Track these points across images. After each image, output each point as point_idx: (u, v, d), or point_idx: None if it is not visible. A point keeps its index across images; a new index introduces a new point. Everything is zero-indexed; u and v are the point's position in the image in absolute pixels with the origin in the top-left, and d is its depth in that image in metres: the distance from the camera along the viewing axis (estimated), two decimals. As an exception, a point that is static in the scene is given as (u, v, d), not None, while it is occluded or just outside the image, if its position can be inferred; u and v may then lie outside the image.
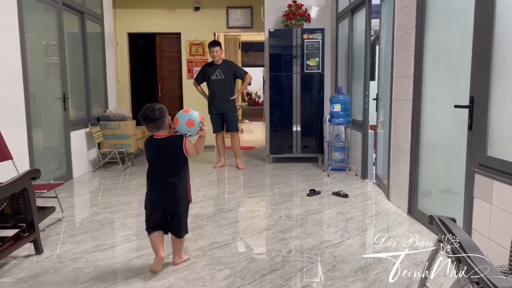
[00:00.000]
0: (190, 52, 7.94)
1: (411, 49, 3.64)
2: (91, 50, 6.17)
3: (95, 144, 6.01)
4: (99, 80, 6.56)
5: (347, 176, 5.47)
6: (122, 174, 5.78)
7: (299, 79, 6.27)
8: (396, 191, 4.06)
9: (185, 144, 2.55)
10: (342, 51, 6.34)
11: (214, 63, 5.91)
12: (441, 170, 3.37)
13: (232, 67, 5.96)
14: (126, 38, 7.98)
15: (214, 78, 5.89)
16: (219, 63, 5.89)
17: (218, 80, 5.87)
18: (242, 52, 15.03)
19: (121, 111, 6.47)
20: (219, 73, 5.87)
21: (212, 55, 5.84)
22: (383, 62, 4.80)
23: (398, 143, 4.02)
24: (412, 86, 3.62)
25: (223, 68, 5.87)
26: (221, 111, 5.97)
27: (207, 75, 5.94)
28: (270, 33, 6.29)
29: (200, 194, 4.62)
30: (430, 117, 3.47)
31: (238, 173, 5.83)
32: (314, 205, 4.13)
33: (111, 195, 4.64)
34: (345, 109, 5.59)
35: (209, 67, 5.96)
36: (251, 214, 3.92)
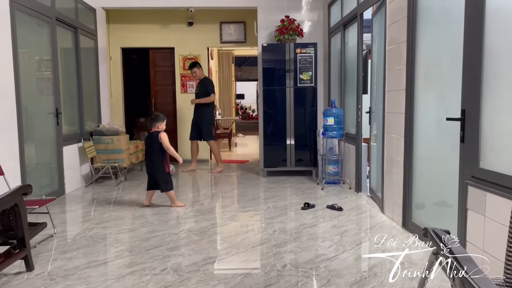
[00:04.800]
0: (183, 66, 7.97)
1: (402, 63, 3.68)
2: (84, 64, 6.17)
3: (88, 159, 5.98)
4: (92, 94, 6.55)
5: (341, 189, 5.47)
6: (115, 189, 5.74)
7: (292, 93, 6.30)
8: (390, 204, 4.06)
9: (160, 135, 4.53)
10: (334, 65, 6.40)
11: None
12: (434, 182, 3.38)
13: (204, 84, 6.78)
14: (120, 52, 8.00)
15: (194, 92, 7.10)
16: (201, 79, 6.86)
17: (196, 94, 6.87)
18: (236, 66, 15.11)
19: (114, 125, 6.45)
20: (197, 87, 6.88)
21: (192, 76, 7.07)
22: (376, 76, 4.84)
23: (391, 156, 4.03)
24: (404, 99, 3.65)
25: (200, 84, 6.83)
26: (197, 121, 6.81)
27: None
28: (263, 47, 6.34)
29: (193, 209, 4.59)
30: (423, 130, 3.49)
31: (232, 187, 5.81)
32: (308, 219, 4.11)
33: (103, 210, 4.59)
34: (339, 122, 5.62)
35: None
36: (245, 228, 3.90)
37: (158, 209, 4.57)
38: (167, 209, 4.58)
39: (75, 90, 5.96)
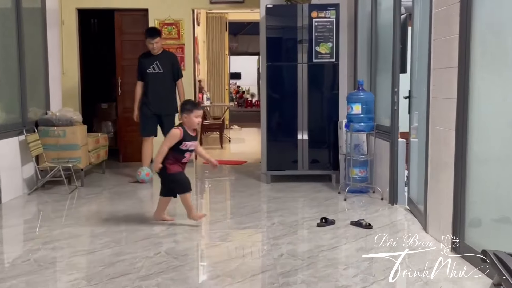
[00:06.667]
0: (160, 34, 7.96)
1: (454, 31, 3.67)
2: (27, 32, 6.15)
3: (32, 157, 5.97)
4: (38, 71, 6.54)
5: (370, 200, 5.47)
6: (68, 197, 5.74)
7: (306, 71, 6.29)
8: (436, 220, 4.06)
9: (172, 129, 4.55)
10: (362, 34, 6.39)
11: (152, 54, 6.42)
12: (496, 192, 3.38)
13: (171, 60, 6.55)
14: (75, 16, 7.98)
15: (150, 72, 6.42)
16: (157, 53, 6.42)
17: (155, 75, 6.41)
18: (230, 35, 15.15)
19: (68, 113, 6.44)
20: (157, 65, 6.41)
21: (151, 47, 6.36)
22: (417, 49, 4.83)
23: (438, 156, 4.03)
24: (456, 80, 3.65)
25: (162, 60, 6.43)
26: (158, 113, 6.43)
27: (142, 68, 6.46)
28: (268, 10, 6.32)
29: (173, 225, 4.59)
30: (481, 122, 3.49)
31: (225, 196, 5.81)
32: (326, 239, 4.11)
33: (53, 225, 4.58)
34: (367, 110, 5.61)
35: (144, 59, 6.49)
36: (242, 251, 3.88)
37: (126, 224, 4.58)
38: (138, 224, 4.58)
39: (14, 65, 5.94)
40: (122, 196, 5.75)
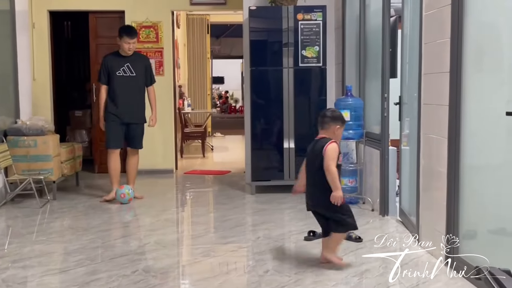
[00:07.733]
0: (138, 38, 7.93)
1: (446, 35, 3.70)
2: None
3: (1, 169, 5.91)
4: (6, 77, 6.48)
5: (360, 212, 5.48)
6: (40, 212, 5.68)
7: (292, 76, 6.31)
8: (429, 233, 4.08)
9: (327, 147, 3.71)
10: (351, 38, 6.42)
11: (121, 54, 6.05)
12: (491, 202, 3.40)
13: (145, 63, 6.19)
14: (47, 18, 7.93)
15: (120, 75, 6.00)
16: (128, 54, 6.03)
17: (126, 78, 6.00)
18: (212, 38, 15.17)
19: (39, 121, 6.39)
20: (128, 68, 6.00)
21: (128, 47, 5.97)
22: (408, 53, 4.86)
23: (430, 165, 4.05)
24: (448, 85, 3.67)
25: (134, 63, 6.03)
26: (127, 121, 6.04)
27: (110, 70, 6.02)
28: (251, 11, 6.34)
29: (151, 240, 4.55)
30: (474, 129, 3.51)
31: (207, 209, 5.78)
32: (314, 253, 4.11)
33: (23, 242, 4.54)
34: (356, 117, 5.63)
35: (112, 60, 6.07)
36: (226, 267, 3.88)
37: (102, 240, 4.54)
38: (114, 240, 4.54)
39: (-18, 71, 5.90)
40: (97, 210, 5.69)
